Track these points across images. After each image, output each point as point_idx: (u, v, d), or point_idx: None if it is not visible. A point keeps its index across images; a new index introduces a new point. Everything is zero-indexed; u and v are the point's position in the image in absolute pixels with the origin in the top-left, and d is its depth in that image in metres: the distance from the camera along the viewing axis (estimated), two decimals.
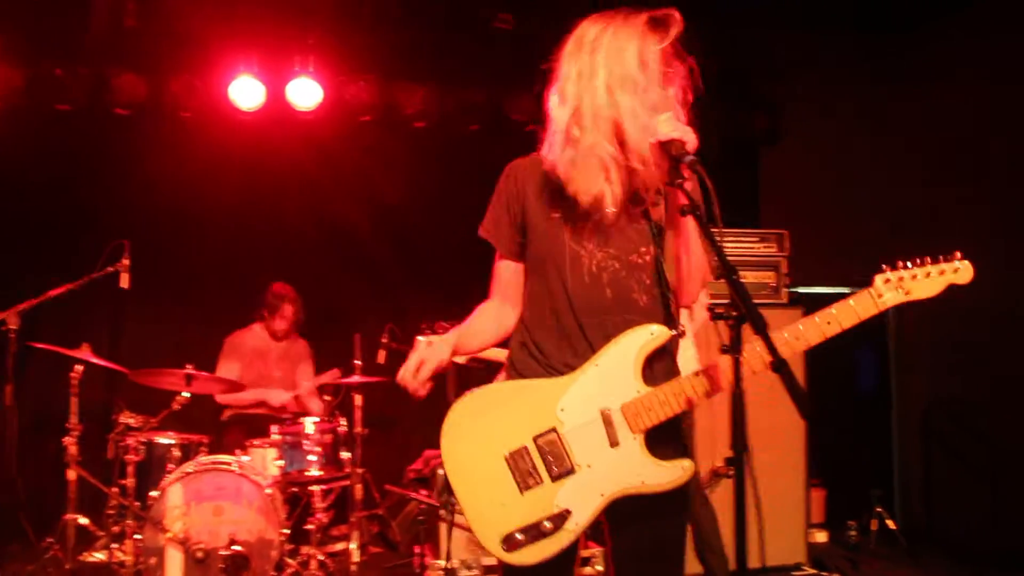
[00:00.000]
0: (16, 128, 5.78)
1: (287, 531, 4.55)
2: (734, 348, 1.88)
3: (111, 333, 6.09)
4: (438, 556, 5.09)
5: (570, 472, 2.10)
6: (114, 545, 4.63)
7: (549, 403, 2.13)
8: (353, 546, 4.99)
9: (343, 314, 6.47)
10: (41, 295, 4.82)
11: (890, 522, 5.86)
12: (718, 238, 1.90)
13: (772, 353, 1.82)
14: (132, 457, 4.57)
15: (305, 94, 5.97)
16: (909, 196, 6.67)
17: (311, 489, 4.92)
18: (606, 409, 2.10)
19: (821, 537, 6.01)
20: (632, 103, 2.08)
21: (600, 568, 4.81)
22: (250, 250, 6.34)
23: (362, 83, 6.15)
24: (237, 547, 4.30)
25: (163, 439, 4.79)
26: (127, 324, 6.18)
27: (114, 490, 4.64)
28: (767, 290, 5.34)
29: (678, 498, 2.15)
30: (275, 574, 4.43)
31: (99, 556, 4.84)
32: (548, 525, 2.09)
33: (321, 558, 4.78)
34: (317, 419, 4.96)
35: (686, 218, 2.00)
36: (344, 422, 5.03)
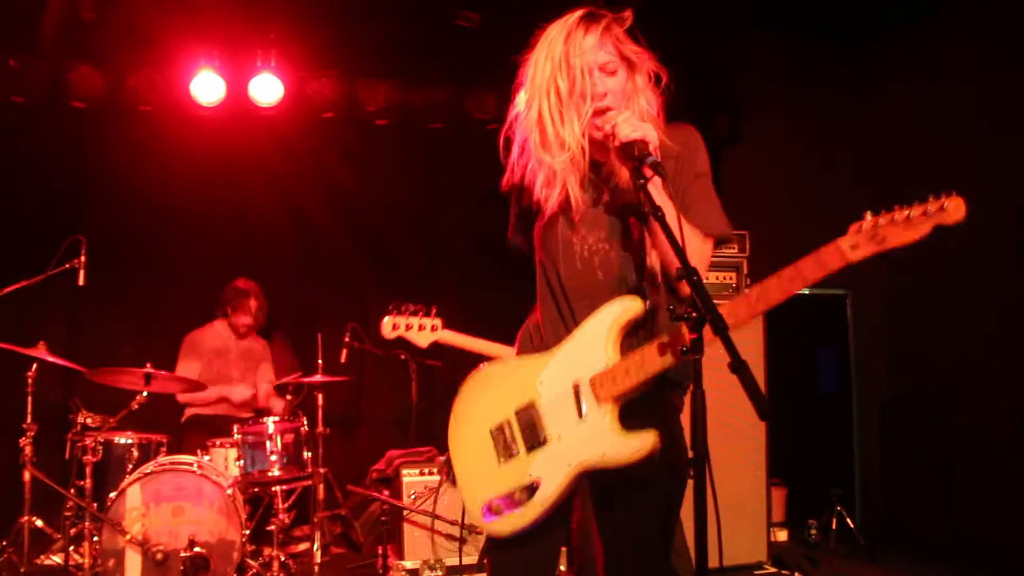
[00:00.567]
0: None
1: (248, 532, 4.51)
2: (695, 349, 1.88)
3: (68, 331, 5.98)
4: (401, 556, 5.08)
5: (543, 443, 2.15)
6: (71, 548, 4.56)
7: (532, 378, 2.20)
8: (315, 547, 4.96)
9: (305, 313, 6.44)
10: None
11: (850, 520, 5.94)
12: (679, 239, 1.90)
13: (731, 353, 1.81)
14: (90, 458, 4.50)
15: (267, 90, 5.91)
16: (868, 197, 6.78)
17: (273, 489, 4.88)
18: (577, 381, 2.13)
19: (782, 536, 6.07)
20: (559, 104, 2.15)
21: (563, 568, 4.82)
22: (210, 247, 6.28)
23: (324, 79, 6.11)
24: (197, 548, 4.27)
25: (121, 439, 4.74)
26: (84, 322, 6.08)
27: (71, 491, 4.57)
28: (729, 291, 5.37)
29: (660, 472, 2.12)
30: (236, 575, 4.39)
31: (55, 559, 4.77)
32: (520, 495, 2.14)
33: (283, 559, 4.74)
34: (278, 419, 4.92)
35: (651, 219, 2.01)
36: (306, 422, 4.99)
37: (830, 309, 6.80)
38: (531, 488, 2.13)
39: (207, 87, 5.81)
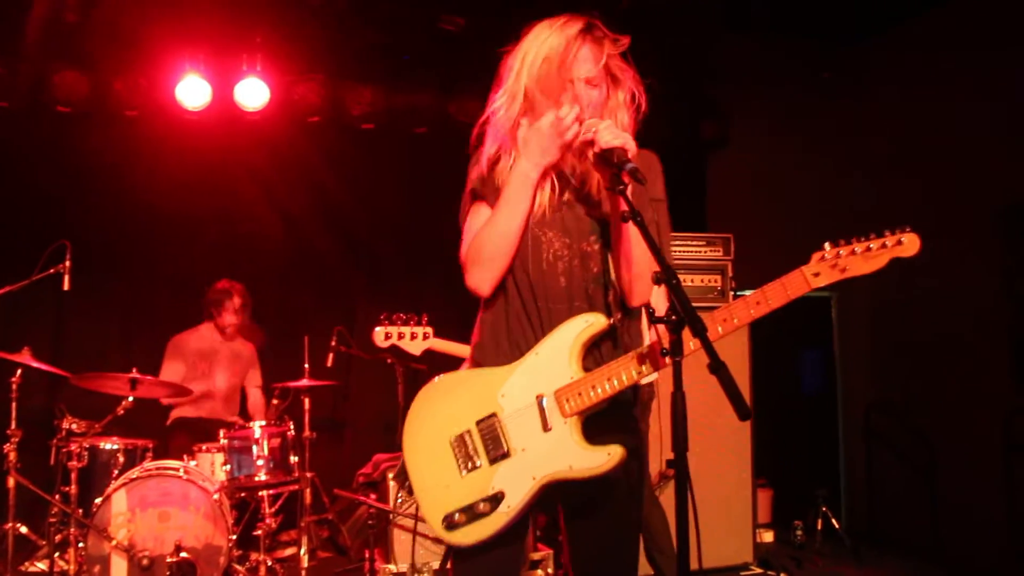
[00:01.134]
0: None
1: (235, 537, 4.50)
2: (674, 352, 1.91)
3: (53, 336, 5.96)
4: (388, 560, 5.07)
5: (506, 455, 2.17)
6: (56, 554, 4.54)
7: (492, 389, 2.21)
8: (302, 551, 4.95)
9: (291, 316, 6.43)
10: None
11: (835, 521, 5.97)
12: (658, 243, 1.93)
13: (711, 355, 1.84)
14: (75, 463, 4.49)
15: (252, 94, 5.91)
16: (853, 201, 6.82)
17: (259, 494, 4.88)
18: (540, 395, 2.16)
19: (768, 537, 6.10)
20: (541, 106, 2.18)
21: (551, 571, 4.83)
22: (196, 252, 6.26)
23: (310, 84, 6.11)
24: (184, 554, 4.25)
25: (107, 444, 4.73)
26: (69, 327, 6.05)
27: (56, 497, 4.55)
28: (713, 293, 5.39)
29: (628, 488, 2.20)
30: None
31: (40, 566, 4.74)
32: (484, 506, 2.15)
33: (270, 564, 4.74)
34: (265, 423, 4.91)
35: (627, 224, 2.04)
36: (292, 426, 4.99)
37: (815, 310, 6.85)
38: (494, 499, 2.15)
39: (193, 91, 5.80)
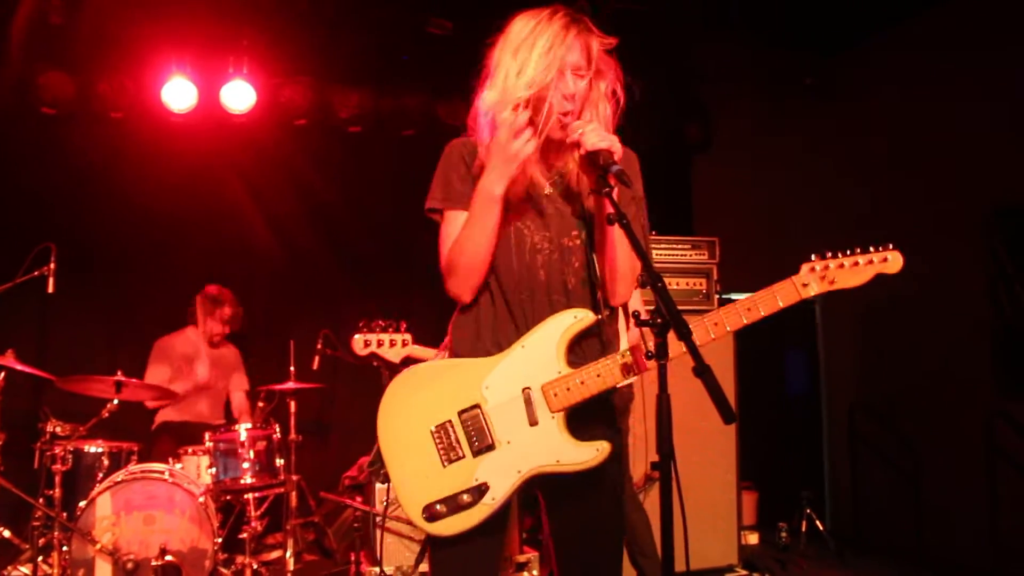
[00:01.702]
0: None
1: (220, 540, 4.49)
2: (660, 354, 1.92)
3: (37, 339, 5.93)
4: (374, 563, 5.07)
5: (490, 448, 2.17)
6: (40, 558, 4.51)
7: (475, 380, 2.20)
8: (288, 554, 4.94)
9: (277, 319, 6.42)
10: None
11: (819, 523, 6.00)
12: (644, 246, 1.94)
13: (695, 358, 1.86)
14: (59, 467, 4.47)
15: (239, 97, 5.91)
16: (838, 204, 6.86)
17: (245, 497, 4.87)
18: (527, 388, 2.16)
19: (753, 539, 6.12)
20: (536, 94, 2.17)
21: (536, 573, 4.83)
22: (181, 254, 6.24)
23: (297, 86, 6.11)
24: (169, 557, 4.24)
25: (92, 448, 4.71)
26: (54, 330, 6.02)
27: (40, 501, 4.52)
28: (699, 296, 5.41)
29: (609, 479, 2.23)
30: None
31: (24, 570, 4.70)
32: (466, 498, 2.15)
33: (255, 567, 4.73)
34: (250, 426, 4.90)
35: (613, 226, 2.05)
36: (278, 429, 4.98)
37: (799, 312, 6.82)
38: (478, 491, 2.15)
39: (179, 93, 5.80)
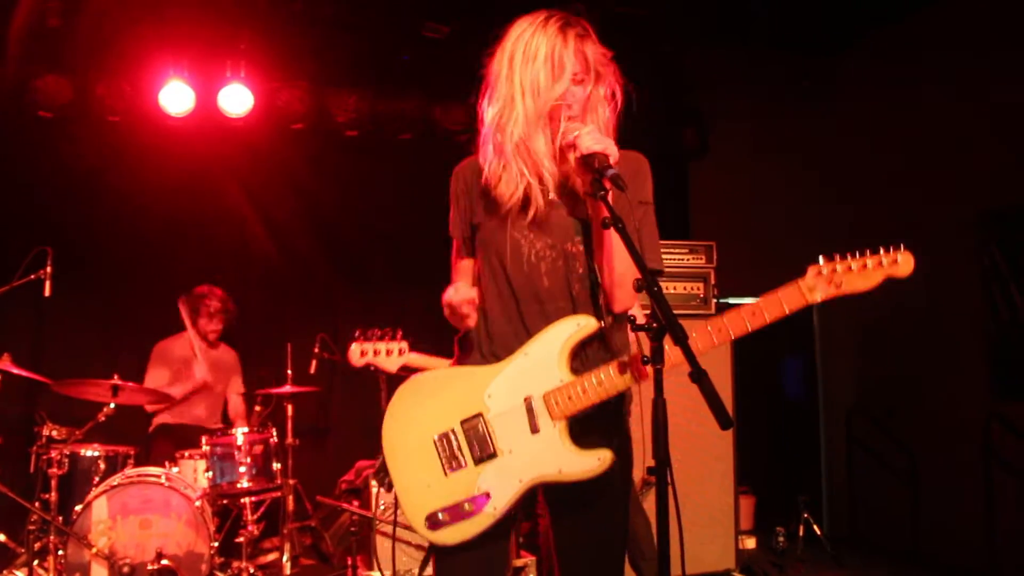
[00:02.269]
0: None
1: (217, 544, 4.49)
2: (655, 359, 1.92)
3: (33, 343, 5.92)
4: (371, 567, 5.07)
5: (492, 456, 2.16)
6: (35, 562, 4.50)
7: (478, 389, 2.19)
8: (285, 558, 4.94)
9: (274, 323, 6.41)
10: None
11: (817, 528, 6.00)
12: (640, 248, 1.94)
13: (692, 363, 1.85)
14: (55, 471, 4.47)
15: (236, 100, 5.90)
16: (834, 207, 6.88)
17: (241, 501, 4.86)
18: (529, 396, 2.15)
19: (750, 543, 6.12)
20: (539, 106, 2.17)
21: None
22: (179, 258, 6.23)
23: (294, 90, 6.11)
24: (165, 561, 4.23)
25: (88, 451, 4.70)
26: (50, 333, 6.01)
27: (36, 505, 4.51)
28: (696, 301, 5.40)
29: (613, 488, 2.20)
30: None
31: (19, 574, 4.69)
32: (469, 507, 2.14)
33: (252, 571, 4.73)
34: (247, 430, 4.90)
35: (609, 230, 2.03)
36: (275, 433, 4.97)
37: (797, 317, 6.83)
38: (480, 500, 2.14)
39: (176, 97, 5.78)
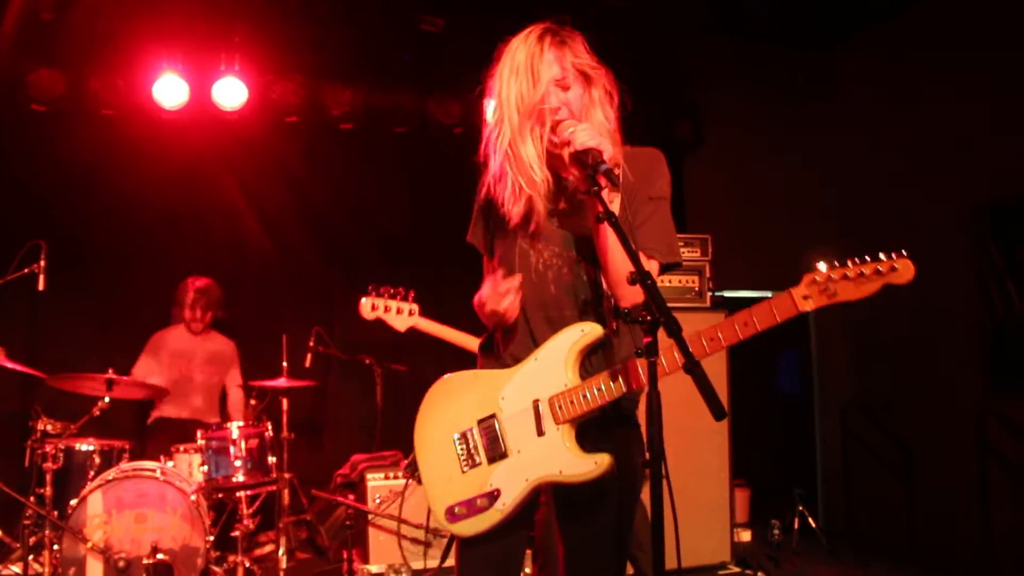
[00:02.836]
0: None
1: (212, 538, 4.48)
2: (649, 352, 1.92)
3: (27, 337, 5.90)
4: (367, 560, 5.07)
5: (504, 456, 2.26)
6: (31, 557, 4.50)
7: (494, 391, 2.30)
8: (280, 552, 4.94)
9: (270, 316, 6.40)
10: None
11: (812, 521, 6.02)
12: (632, 244, 1.94)
13: (685, 355, 1.87)
14: (50, 465, 4.45)
15: (230, 94, 5.88)
16: (829, 201, 6.89)
17: (237, 495, 4.85)
18: (536, 400, 2.23)
19: (745, 536, 6.13)
20: (528, 119, 2.21)
21: (527, 571, 4.83)
22: (173, 252, 6.22)
23: (288, 83, 6.09)
24: (161, 555, 4.22)
25: (83, 446, 4.69)
26: (44, 327, 5.99)
27: (31, 499, 4.50)
28: (691, 294, 5.41)
29: (615, 491, 2.23)
30: None
31: (14, 569, 4.69)
32: (481, 502, 2.26)
33: (248, 565, 4.72)
34: (242, 424, 4.89)
35: (603, 225, 2.05)
36: (270, 426, 4.97)
37: None
38: (491, 496, 2.24)
39: (170, 90, 5.77)
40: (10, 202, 5.86)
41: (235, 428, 4.80)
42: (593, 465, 2.15)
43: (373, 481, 5.27)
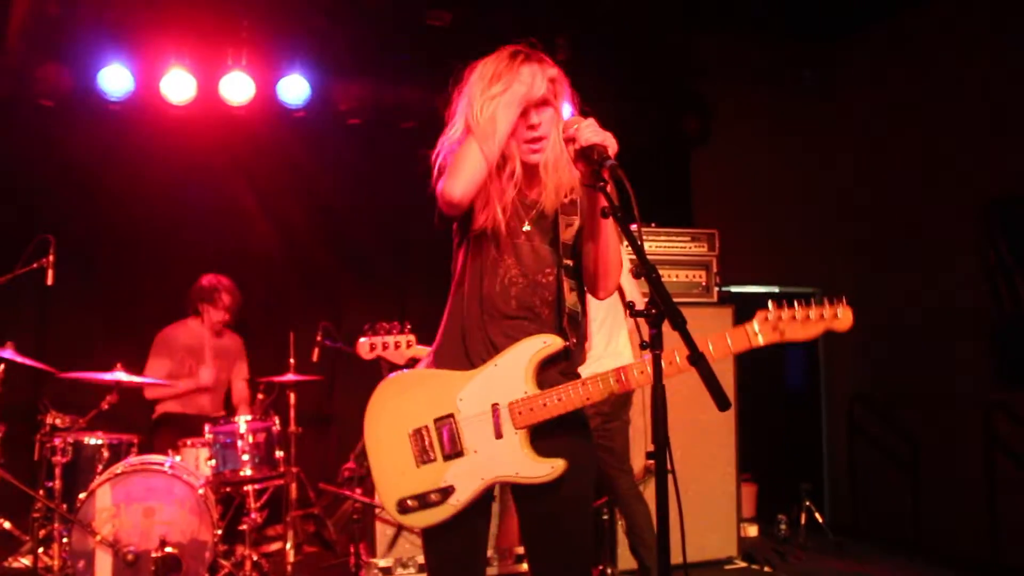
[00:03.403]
0: None
1: (220, 532, 4.50)
2: (654, 345, 1.93)
3: (37, 331, 5.92)
4: (374, 554, 5.08)
5: (459, 454, 2.34)
6: (40, 550, 4.53)
7: (452, 392, 2.37)
8: (288, 546, 4.96)
9: (277, 312, 6.42)
10: None
11: (818, 515, 6.01)
12: (637, 238, 1.97)
13: (690, 347, 1.90)
14: (59, 458, 4.48)
15: (238, 88, 5.89)
16: (836, 196, 6.87)
17: (245, 489, 4.87)
18: (496, 404, 2.32)
19: (752, 531, 6.14)
20: (493, 133, 2.29)
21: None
22: (181, 246, 6.22)
23: (296, 78, 6.08)
24: (169, 549, 4.24)
25: (91, 439, 4.71)
26: (53, 322, 6.01)
27: (40, 493, 4.53)
28: (698, 289, 5.40)
29: (568, 489, 2.33)
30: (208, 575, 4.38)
31: (24, 562, 4.72)
32: (435, 497, 2.34)
33: (256, 558, 4.74)
34: (250, 418, 4.91)
35: (607, 219, 2.15)
36: (278, 421, 4.99)
37: None
38: (444, 492, 2.33)
39: (177, 85, 5.77)
40: (19, 197, 5.88)
41: (243, 422, 4.82)
42: (549, 469, 2.27)
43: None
